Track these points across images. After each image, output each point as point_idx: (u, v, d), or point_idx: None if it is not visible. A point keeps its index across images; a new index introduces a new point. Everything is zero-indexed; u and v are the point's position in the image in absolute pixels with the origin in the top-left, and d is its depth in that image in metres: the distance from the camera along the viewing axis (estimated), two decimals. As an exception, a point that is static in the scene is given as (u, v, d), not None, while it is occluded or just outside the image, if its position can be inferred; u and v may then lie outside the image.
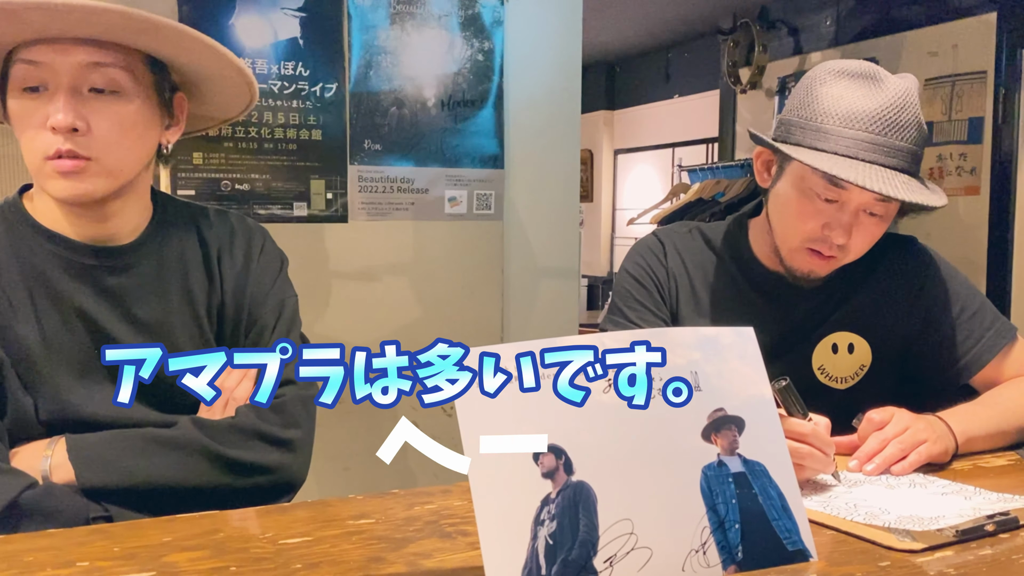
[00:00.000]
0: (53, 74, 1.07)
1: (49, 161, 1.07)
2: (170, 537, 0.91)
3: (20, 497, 1.00)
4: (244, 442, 1.13)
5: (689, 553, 0.84)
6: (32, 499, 1.01)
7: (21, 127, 1.09)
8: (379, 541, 0.91)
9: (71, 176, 1.08)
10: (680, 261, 1.45)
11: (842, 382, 1.40)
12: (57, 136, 1.06)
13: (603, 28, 5.48)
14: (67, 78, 1.07)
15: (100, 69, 1.08)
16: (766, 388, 0.92)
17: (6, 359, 1.09)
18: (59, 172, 1.07)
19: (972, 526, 0.94)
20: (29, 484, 1.02)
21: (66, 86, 1.07)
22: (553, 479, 0.80)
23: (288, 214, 2.22)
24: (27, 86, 1.07)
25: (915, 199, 1.20)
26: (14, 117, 1.09)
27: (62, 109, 1.05)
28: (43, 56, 1.06)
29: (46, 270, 1.12)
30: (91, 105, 1.08)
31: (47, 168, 1.08)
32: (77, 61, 1.07)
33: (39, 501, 1.01)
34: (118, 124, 1.10)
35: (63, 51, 1.06)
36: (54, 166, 1.07)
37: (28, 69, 1.07)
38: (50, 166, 1.07)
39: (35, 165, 1.09)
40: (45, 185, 1.10)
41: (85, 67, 1.07)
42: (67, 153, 1.06)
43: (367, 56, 2.27)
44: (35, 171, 1.10)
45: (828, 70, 1.28)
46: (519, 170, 2.45)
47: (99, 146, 1.08)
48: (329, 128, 2.25)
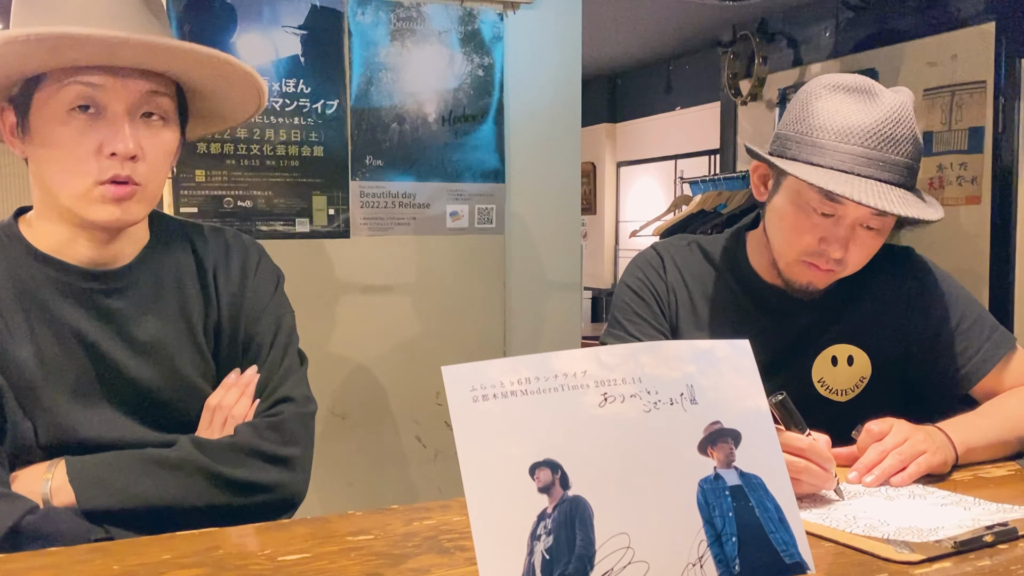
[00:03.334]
0: (112, 99, 1.07)
1: (102, 186, 1.07)
2: (169, 555, 0.92)
3: (21, 522, 1.00)
4: (243, 461, 1.13)
5: (686, 566, 0.84)
6: (33, 523, 1.01)
7: (67, 150, 1.07)
8: (377, 557, 0.92)
9: (122, 202, 1.09)
10: (679, 275, 1.45)
11: (842, 394, 1.40)
12: (114, 162, 1.07)
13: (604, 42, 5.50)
14: (126, 104, 1.08)
15: (154, 97, 1.10)
16: (762, 400, 0.92)
17: (5, 384, 1.08)
18: (113, 198, 1.08)
19: (970, 537, 0.94)
20: (30, 509, 1.02)
21: (125, 112, 1.07)
22: (549, 494, 0.81)
23: (290, 230, 2.23)
24: (79, 105, 1.06)
25: (911, 213, 1.20)
26: (59, 140, 1.07)
27: (126, 136, 1.06)
28: (103, 80, 1.06)
29: (42, 293, 1.12)
30: (142, 132, 1.09)
31: (96, 192, 1.07)
32: (137, 88, 1.08)
33: (40, 525, 1.01)
34: (163, 151, 1.12)
35: (123, 79, 1.07)
36: (108, 192, 1.07)
37: (85, 91, 1.06)
38: (101, 191, 1.07)
39: (80, 189, 1.08)
40: (88, 210, 1.09)
41: (143, 94, 1.09)
42: (124, 179, 1.07)
43: (368, 72, 2.29)
44: (77, 195, 1.08)
45: (823, 84, 1.29)
46: (520, 184, 2.47)
47: (148, 173, 1.10)
48: (330, 144, 2.26)
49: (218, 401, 1.19)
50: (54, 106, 1.07)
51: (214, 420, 1.19)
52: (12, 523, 0.99)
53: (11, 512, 1.00)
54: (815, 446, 1.07)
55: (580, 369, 0.86)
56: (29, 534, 1.00)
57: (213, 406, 1.19)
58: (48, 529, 1.01)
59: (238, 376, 1.22)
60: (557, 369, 0.86)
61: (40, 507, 1.04)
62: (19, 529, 0.99)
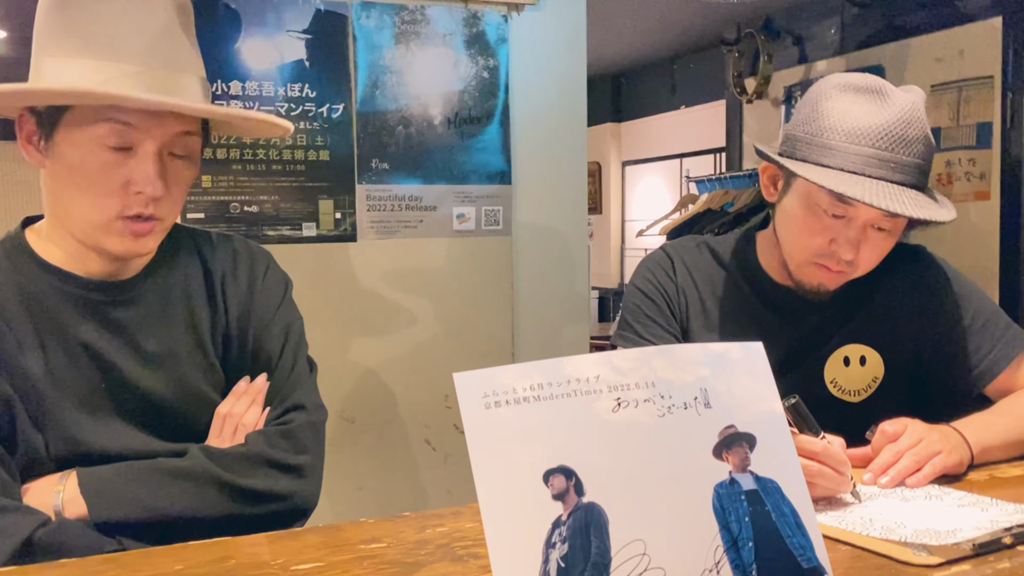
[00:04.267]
0: (145, 138, 1.07)
1: (124, 221, 1.08)
2: (182, 565, 0.91)
3: (34, 535, 1.00)
4: (255, 470, 1.13)
5: (703, 572, 0.83)
6: (46, 536, 1.00)
7: (92, 182, 1.07)
8: (391, 566, 0.91)
9: (141, 237, 1.10)
10: (689, 276, 1.44)
11: (855, 395, 1.40)
12: (139, 199, 1.07)
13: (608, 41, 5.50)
14: (157, 145, 1.08)
15: (185, 138, 1.11)
16: (776, 403, 0.91)
17: (15, 396, 1.08)
18: (133, 233, 1.09)
19: (989, 539, 0.93)
20: (42, 522, 1.02)
21: (154, 153, 1.08)
22: (564, 501, 0.80)
23: (298, 235, 2.23)
24: (116, 146, 1.06)
25: (922, 215, 1.19)
26: (85, 170, 1.07)
27: (155, 178, 1.07)
28: (138, 121, 1.06)
29: (51, 306, 1.12)
30: (168, 169, 1.10)
31: (117, 226, 1.08)
32: (170, 130, 1.09)
33: (54, 538, 1.01)
34: (185, 186, 1.14)
35: (158, 120, 1.08)
36: (130, 227, 1.08)
37: (120, 129, 1.06)
38: (122, 225, 1.08)
39: (101, 221, 1.08)
40: (104, 241, 1.09)
41: (175, 135, 1.10)
42: (147, 218, 1.09)
43: (373, 76, 2.28)
44: (97, 228, 1.09)
45: (833, 85, 1.28)
46: (527, 185, 2.46)
47: (168, 208, 1.12)
48: (336, 148, 2.26)
49: (228, 409, 1.19)
50: (84, 136, 1.06)
51: (224, 428, 1.19)
52: (25, 536, 0.99)
53: (24, 525, 1.00)
54: (829, 449, 1.06)
55: (593, 374, 0.86)
56: (42, 547, 0.99)
57: (223, 414, 1.19)
58: (61, 542, 1.01)
59: (248, 384, 1.21)
60: (570, 374, 0.85)
61: (52, 520, 1.04)
62: (32, 542, 0.99)
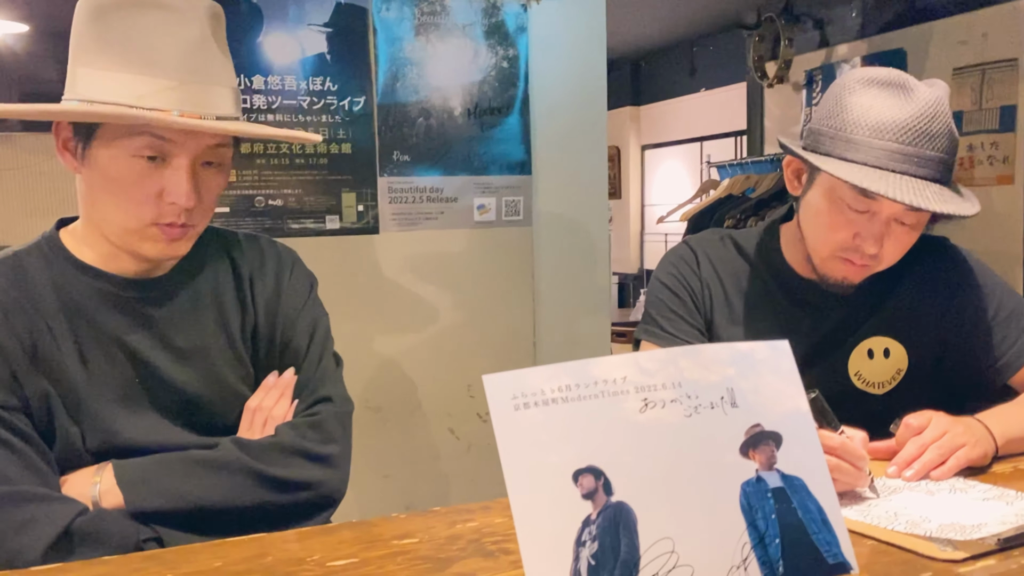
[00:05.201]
0: (179, 152, 1.10)
1: (157, 227, 1.12)
2: (220, 562, 0.94)
3: (73, 524, 1.03)
4: (285, 460, 1.16)
5: (730, 569, 0.84)
6: (84, 525, 1.04)
7: (126, 190, 1.10)
8: (424, 561, 0.93)
9: (174, 242, 1.13)
10: (713, 270, 1.45)
11: (879, 387, 1.40)
12: (172, 209, 1.11)
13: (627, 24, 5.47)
14: (191, 157, 1.11)
15: (218, 149, 1.14)
16: (803, 402, 0.92)
17: (53, 391, 1.12)
18: (166, 238, 1.12)
19: (1015, 534, 0.94)
20: (80, 511, 1.05)
21: (188, 165, 1.11)
22: (593, 500, 0.81)
23: (321, 228, 2.25)
24: (149, 155, 1.09)
25: (946, 209, 1.20)
26: (120, 178, 1.10)
27: (189, 190, 1.10)
28: (172, 135, 1.09)
29: (86, 304, 1.15)
30: (201, 178, 1.13)
31: (151, 232, 1.12)
32: (204, 143, 1.12)
33: (91, 527, 1.04)
34: (217, 192, 1.17)
35: (193, 134, 1.10)
36: (163, 233, 1.12)
37: (155, 143, 1.09)
38: (156, 231, 1.12)
39: (134, 227, 1.12)
40: (138, 246, 1.13)
41: (209, 148, 1.13)
42: (180, 226, 1.12)
43: (393, 68, 2.30)
44: (131, 233, 1.12)
45: (857, 79, 1.28)
46: (547, 175, 2.46)
47: (200, 215, 1.15)
48: (358, 141, 2.27)
49: (258, 403, 1.23)
50: (119, 148, 1.09)
51: (254, 421, 1.22)
52: (64, 526, 1.02)
53: (63, 515, 1.03)
54: (847, 444, 1.07)
55: (620, 375, 0.87)
56: (81, 536, 1.03)
57: (253, 408, 1.22)
58: (99, 530, 1.04)
59: (277, 378, 1.25)
60: (597, 376, 0.86)
61: (90, 509, 1.07)
62: (71, 531, 1.02)
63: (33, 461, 1.08)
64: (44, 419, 1.11)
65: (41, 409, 1.11)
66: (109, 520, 1.06)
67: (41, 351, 1.12)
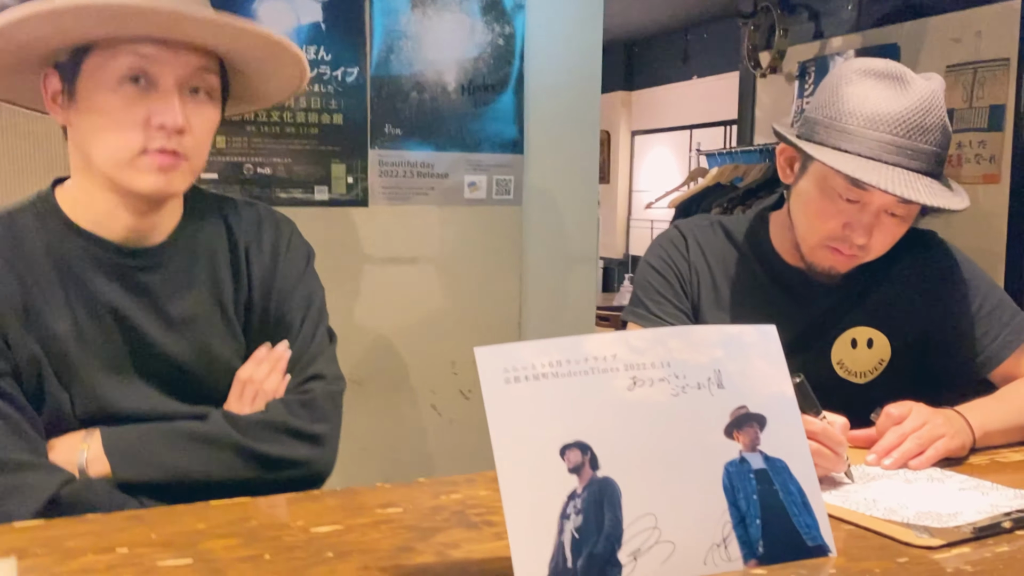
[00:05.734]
0: (163, 72, 1.08)
1: (147, 156, 1.08)
2: (204, 524, 0.94)
3: (60, 492, 1.03)
4: (274, 437, 1.15)
5: (711, 547, 0.86)
6: (71, 494, 1.03)
7: (114, 119, 1.07)
8: (408, 530, 0.94)
9: (167, 172, 1.09)
10: (702, 255, 1.46)
11: (861, 376, 1.42)
12: (161, 133, 1.08)
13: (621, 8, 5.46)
14: (177, 78, 1.09)
15: (203, 74, 1.11)
16: (788, 386, 0.93)
17: (43, 356, 1.10)
18: (158, 167, 1.09)
19: (989, 523, 0.96)
20: (67, 480, 1.05)
21: (175, 86, 1.08)
22: (579, 474, 0.82)
23: (309, 198, 2.24)
24: (133, 76, 1.07)
25: (936, 203, 1.21)
26: (107, 108, 1.07)
27: (176, 109, 1.07)
28: (156, 53, 1.07)
29: (79, 268, 1.13)
30: (189, 106, 1.10)
31: (142, 162, 1.08)
32: (188, 63, 1.09)
33: (78, 496, 1.04)
34: (208, 127, 1.14)
35: (175, 52, 1.08)
36: (154, 161, 1.08)
37: (138, 61, 1.06)
38: (147, 161, 1.08)
39: (125, 158, 1.08)
40: (132, 179, 1.09)
41: (194, 70, 1.10)
42: (171, 152, 1.09)
43: (388, 40, 2.28)
44: (122, 164, 1.09)
45: (854, 69, 1.29)
46: (538, 155, 2.46)
47: (192, 146, 1.11)
48: (350, 112, 2.26)
49: (249, 374, 1.21)
50: (104, 74, 1.07)
51: (244, 393, 1.20)
52: (51, 494, 1.02)
53: (50, 483, 1.03)
54: (828, 430, 1.09)
55: (610, 353, 0.88)
56: (67, 505, 1.02)
57: (244, 379, 1.21)
58: (85, 500, 1.04)
59: (269, 350, 1.23)
60: (588, 352, 0.87)
61: (77, 478, 1.07)
62: (58, 499, 1.02)
63: (21, 427, 1.07)
64: (33, 384, 1.10)
65: (30, 374, 1.10)
66: (96, 490, 1.06)
67: (32, 314, 1.10)
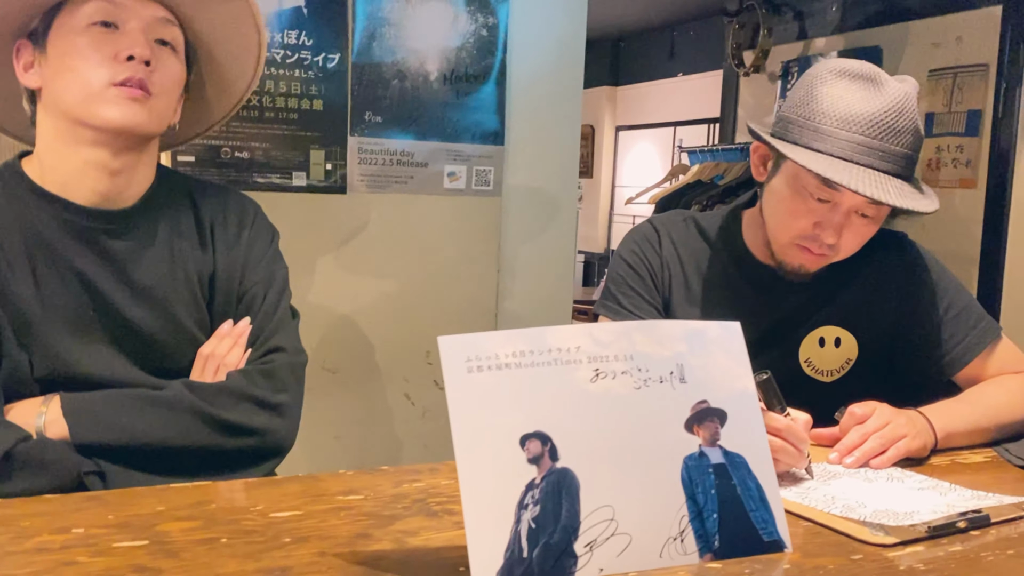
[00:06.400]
0: (129, 17, 1.14)
1: (115, 87, 1.12)
2: (163, 507, 0.94)
3: (14, 449, 1.02)
4: (233, 404, 1.16)
5: (667, 540, 0.86)
6: (25, 451, 1.03)
7: (83, 57, 1.12)
8: (367, 517, 0.94)
9: (135, 103, 1.13)
10: (674, 250, 1.47)
11: (828, 375, 1.43)
12: (130, 65, 1.12)
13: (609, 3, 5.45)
14: (142, 23, 1.15)
15: (167, 25, 1.18)
16: (750, 382, 0.94)
17: (3, 316, 1.11)
18: (127, 97, 1.12)
19: (944, 522, 0.97)
20: (23, 437, 1.05)
21: (141, 30, 1.14)
22: (538, 465, 0.83)
23: (287, 183, 2.23)
24: (101, 20, 1.13)
25: (906, 205, 1.22)
26: (76, 49, 1.12)
27: (142, 44, 1.13)
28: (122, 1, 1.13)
29: (45, 232, 1.15)
30: (156, 53, 1.15)
31: (111, 93, 1.12)
32: (152, 13, 1.16)
33: (32, 453, 1.03)
34: (171, 77, 1.18)
35: (142, 2, 1.15)
36: (123, 91, 1.12)
37: (105, 6, 1.13)
38: (115, 92, 1.12)
39: (94, 90, 1.12)
40: (101, 110, 1.12)
41: (158, 20, 1.16)
42: (138, 83, 1.13)
43: (371, 27, 2.27)
44: (92, 97, 1.12)
45: (829, 69, 1.29)
46: (519, 147, 2.46)
47: (158, 88, 1.16)
48: (330, 98, 2.25)
49: (211, 350, 1.23)
50: (73, 20, 1.13)
51: (206, 368, 1.22)
52: (5, 449, 1.01)
53: (4, 439, 1.03)
54: (792, 426, 1.10)
55: (574, 344, 0.88)
56: (21, 461, 1.02)
57: (206, 355, 1.22)
58: (40, 457, 1.03)
59: (231, 326, 1.24)
60: (551, 344, 0.87)
61: (33, 437, 1.06)
62: (11, 456, 1.02)
63: None
64: None
65: None
66: (51, 449, 1.06)
67: None
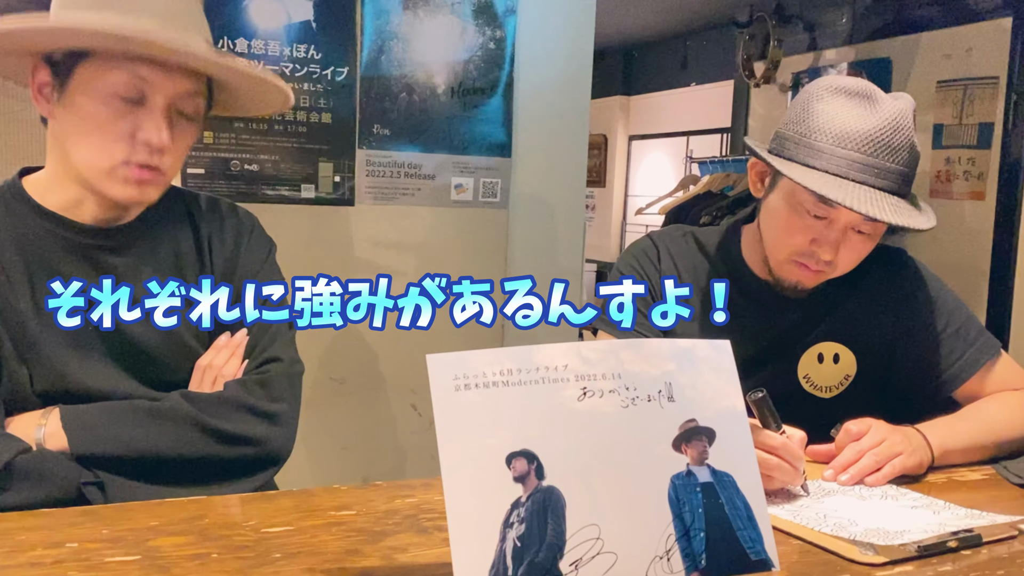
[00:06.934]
0: (155, 93, 1.13)
1: (127, 167, 1.13)
2: (157, 521, 0.95)
3: (14, 460, 1.04)
4: (230, 414, 1.18)
5: (653, 559, 0.86)
6: (25, 463, 1.05)
7: (103, 131, 1.12)
8: (358, 533, 0.95)
9: (143, 185, 1.15)
10: (673, 264, 1.47)
11: (826, 391, 1.43)
12: (145, 149, 1.12)
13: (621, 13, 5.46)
14: (167, 100, 1.13)
15: (192, 98, 1.17)
16: (739, 401, 0.94)
17: (4, 332, 1.13)
18: (136, 180, 1.14)
19: (935, 542, 0.97)
20: (23, 448, 1.06)
21: (164, 107, 1.13)
22: (524, 483, 0.83)
23: (296, 196, 2.25)
24: (127, 96, 1.11)
25: (901, 222, 1.22)
26: (96, 120, 1.12)
27: (163, 128, 1.13)
28: (151, 75, 1.12)
29: (45, 248, 1.17)
30: (175, 126, 1.16)
31: (120, 173, 1.13)
32: (180, 87, 1.14)
33: (32, 465, 1.05)
34: (187, 144, 1.19)
35: (169, 75, 1.13)
36: (132, 174, 1.13)
37: (133, 81, 1.11)
38: (125, 172, 1.13)
39: (106, 166, 1.13)
40: (109, 187, 1.14)
41: (183, 94, 1.15)
42: (150, 167, 1.13)
43: (379, 41, 2.29)
44: (103, 172, 1.13)
45: (825, 86, 1.30)
46: (526, 160, 2.47)
47: (170, 163, 1.16)
48: (339, 111, 2.27)
49: (209, 361, 1.24)
50: (98, 86, 1.11)
51: (204, 379, 1.24)
52: (5, 461, 1.03)
53: (5, 450, 1.04)
54: (788, 444, 1.10)
55: (562, 363, 0.89)
56: (21, 473, 1.04)
57: (204, 366, 1.24)
58: (40, 469, 1.05)
59: (228, 338, 1.26)
60: (539, 362, 0.88)
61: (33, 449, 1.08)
62: (11, 467, 1.03)
63: None
64: None
65: None
66: (51, 460, 1.07)
67: None
